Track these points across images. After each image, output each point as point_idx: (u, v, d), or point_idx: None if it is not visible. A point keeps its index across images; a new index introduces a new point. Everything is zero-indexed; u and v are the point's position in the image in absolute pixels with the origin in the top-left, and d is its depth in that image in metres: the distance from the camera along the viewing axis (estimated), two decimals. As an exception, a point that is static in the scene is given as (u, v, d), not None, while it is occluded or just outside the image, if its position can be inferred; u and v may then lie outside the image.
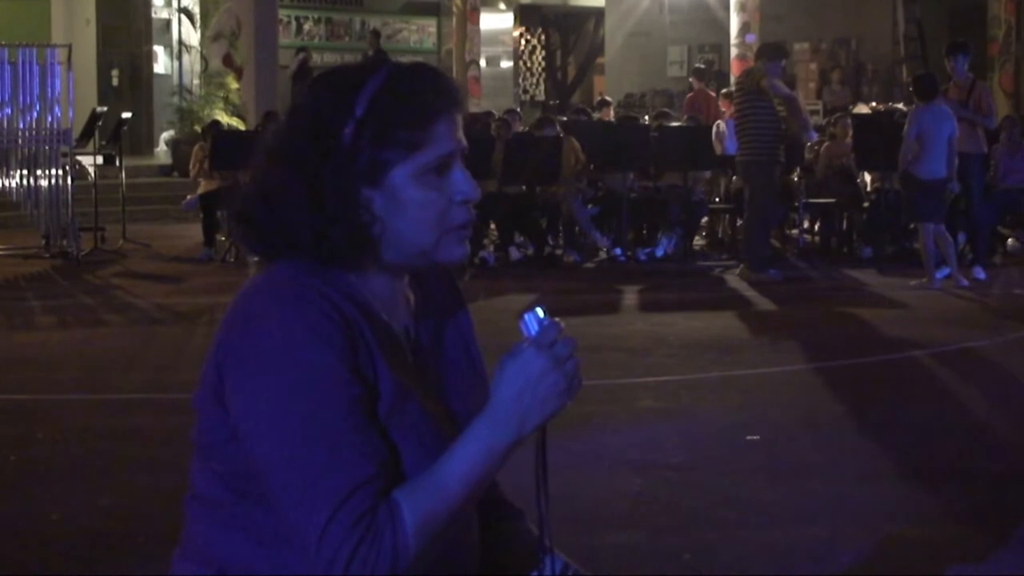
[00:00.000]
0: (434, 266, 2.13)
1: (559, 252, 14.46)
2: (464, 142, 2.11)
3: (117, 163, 15.39)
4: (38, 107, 13.99)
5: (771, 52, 13.07)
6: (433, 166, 2.05)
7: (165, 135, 21.75)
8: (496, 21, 27.89)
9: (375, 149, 2.02)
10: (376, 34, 23.80)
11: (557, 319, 1.97)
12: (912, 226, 13.29)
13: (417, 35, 27.43)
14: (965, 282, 11.96)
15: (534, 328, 1.96)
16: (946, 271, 12.16)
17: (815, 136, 14.75)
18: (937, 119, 12.01)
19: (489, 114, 17.05)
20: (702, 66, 22.93)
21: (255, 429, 1.95)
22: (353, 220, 2.02)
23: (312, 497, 1.89)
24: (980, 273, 12.56)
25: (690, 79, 21.51)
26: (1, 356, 8.96)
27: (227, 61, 20.87)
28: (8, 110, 13.96)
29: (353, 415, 1.93)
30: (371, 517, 1.88)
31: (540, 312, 1.97)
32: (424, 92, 2.07)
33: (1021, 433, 7.03)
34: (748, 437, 6.71)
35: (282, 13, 23.89)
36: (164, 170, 20.50)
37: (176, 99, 21.85)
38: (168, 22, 23.92)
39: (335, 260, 2.04)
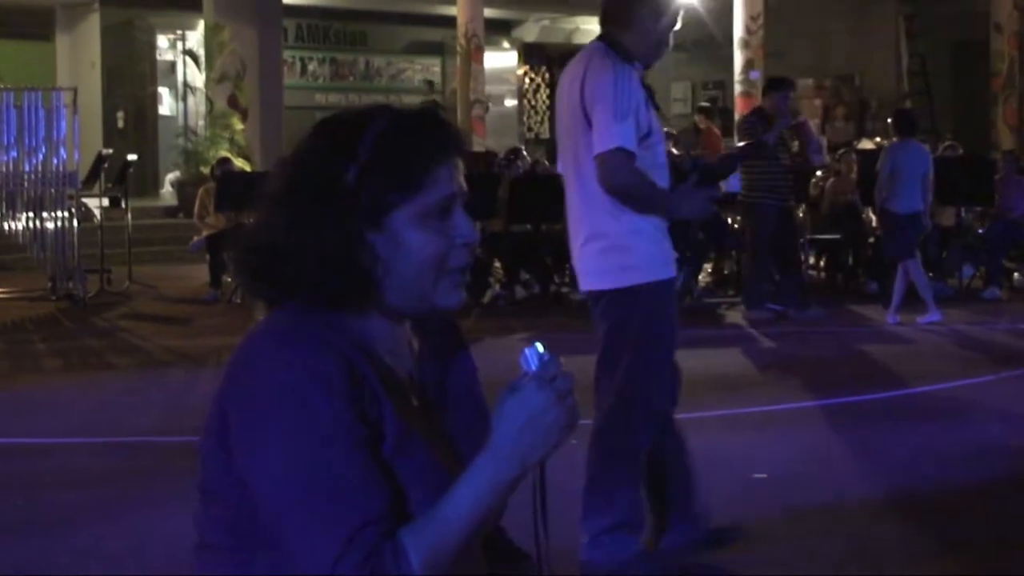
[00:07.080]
0: (433, 311, 2.14)
1: (565, 290, 14.45)
2: (464, 186, 2.12)
3: (123, 205, 15.42)
4: (44, 150, 14.02)
5: (777, 84, 13.12)
6: (435, 209, 2.07)
7: (171, 176, 21.80)
8: (500, 60, 27.97)
9: (378, 191, 2.03)
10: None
11: (556, 354, 1.96)
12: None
13: (421, 74, 27.50)
14: (897, 319, 11.93)
15: (534, 363, 1.94)
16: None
17: (823, 159, 14.70)
18: (912, 156, 11.98)
19: (492, 153, 17.04)
20: (707, 104, 22.97)
21: (260, 473, 1.96)
22: (356, 262, 2.03)
23: (319, 539, 1.89)
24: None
25: (695, 118, 21.49)
26: (8, 399, 8.96)
27: (232, 102, 20.92)
28: (14, 153, 14.00)
29: (357, 457, 1.93)
30: (377, 557, 1.88)
31: (540, 347, 1.95)
32: (426, 136, 2.09)
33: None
34: (755, 475, 6.70)
35: (287, 54, 23.98)
36: (170, 211, 20.54)
37: (181, 141, 21.92)
38: (173, 64, 24.06)
39: (338, 303, 2.04)
